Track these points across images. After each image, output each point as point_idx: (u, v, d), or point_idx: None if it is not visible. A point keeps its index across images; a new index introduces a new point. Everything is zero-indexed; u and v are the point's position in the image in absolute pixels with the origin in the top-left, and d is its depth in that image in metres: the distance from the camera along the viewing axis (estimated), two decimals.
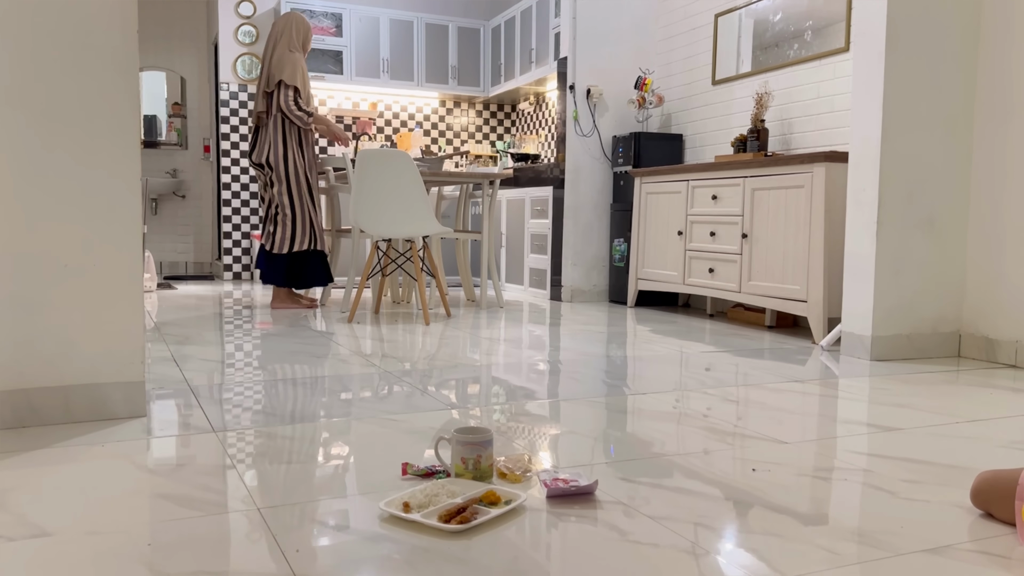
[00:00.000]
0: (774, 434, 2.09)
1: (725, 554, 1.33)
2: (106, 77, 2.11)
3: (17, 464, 1.75)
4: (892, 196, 3.23)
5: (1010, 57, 3.22)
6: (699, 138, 5.16)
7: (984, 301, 3.32)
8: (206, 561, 1.26)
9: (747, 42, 4.70)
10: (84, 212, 2.09)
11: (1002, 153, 3.25)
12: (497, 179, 4.91)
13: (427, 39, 7.18)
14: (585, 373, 2.90)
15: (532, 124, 7.47)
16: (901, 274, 3.28)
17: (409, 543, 1.34)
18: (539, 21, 6.48)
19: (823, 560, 1.30)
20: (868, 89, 3.25)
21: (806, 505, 1.55)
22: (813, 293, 3.67)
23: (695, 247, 4.51)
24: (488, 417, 2.25)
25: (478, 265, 6.21)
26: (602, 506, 1.53)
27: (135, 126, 2.17)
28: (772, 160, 3.91)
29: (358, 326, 4.03)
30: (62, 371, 2.09)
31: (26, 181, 2.04)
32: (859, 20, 3.30)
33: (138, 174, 2.17)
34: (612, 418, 2.25)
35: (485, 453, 1.63)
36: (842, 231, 3.60)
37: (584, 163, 5.34)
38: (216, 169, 7.21)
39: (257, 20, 6.86)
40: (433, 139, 7.66)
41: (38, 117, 2.04)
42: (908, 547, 1.35)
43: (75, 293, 2.10)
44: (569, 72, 5.30)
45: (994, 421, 2.28)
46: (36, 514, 1.45)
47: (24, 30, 2.02)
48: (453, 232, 4.80)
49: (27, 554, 1.29)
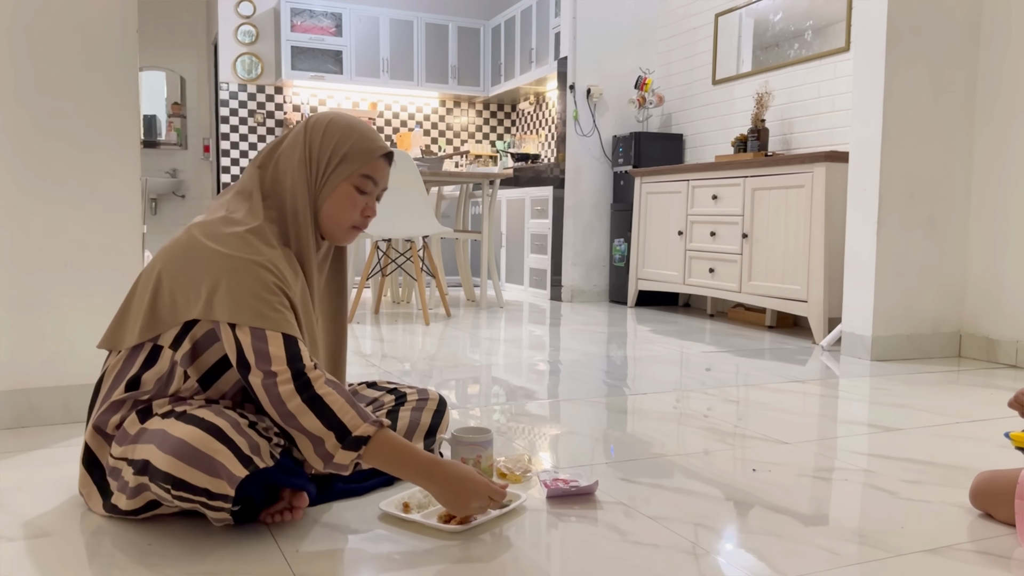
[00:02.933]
0: (774, 434, 2.09)
1: (725, 554, 1.33)
2: (106, 77, 2.11)
3: (17, 464, 1.75)
4: (893, 196, 3.23)
5: (1011, 57, 3.21)
6: (699, 138, 5.16)
7: (985, 301, 3.31)
8: (206, 561, 1.26)
9: (747, 42, 4.70)
10: (84, 212, 2.09)
11: (1003, 153, 3.25)
12: (497, 179, 4.91)
13: (427, 39, 7.18)
14: (585, 373, 2.90)
15: (532, 124, 7.47)
16: (902, 274, 3.27)
17: (409, 543, 1.34)
18: (539, 21, 6.48)
19: (823, 560, 1.30)
20: (869, 89, 3.24)
21: (806, 505, 1.55)
22: (813, 293, 3.67)
23: (695, 247, 4.51)
24: (488, 417, 2.25)
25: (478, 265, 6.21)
26: (602, 506, 1.53)
27: (135, 126, 2.17)
28: (772, 160, 3.91)
29: (358, 326, 4.03)
30: (62, 371, 2.09)
31: (26, 181, 2.04)
32: (860, 20, 3.30)
33: (138, 174, 2.17)
34: (612, 418, 2.25)
35: (485, 453, 1.63)
36: (842, 231, 3.60)
37: (584, 163, 5.34)
38: (216, 169, 7.21)
39: (257, 20, 6.85)
40: (433, 139, 7.66)
41: (38, 117, 2.04)
42: (908, 547, 1.35)
43: (75, 293, 2.09)
44: (569, 72, 5.30)
45: (994, 421, 2.28)
46: (36, 514, 1.45)
47: (24, 30, 2.02)
48: (453, 232, 4.80)
49: (27, 554, 1.29)
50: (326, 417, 1.30)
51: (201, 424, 1.27)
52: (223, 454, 1.24)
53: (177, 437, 1.25)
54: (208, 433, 1.25)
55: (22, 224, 2.04)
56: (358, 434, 1.30)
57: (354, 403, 1.34)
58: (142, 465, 1.27)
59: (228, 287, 1.31)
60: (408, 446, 1.35)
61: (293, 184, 1.45)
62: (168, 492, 1.25)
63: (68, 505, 1.49)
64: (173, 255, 1.38)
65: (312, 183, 1.47)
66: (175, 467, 1.23)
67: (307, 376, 1.31)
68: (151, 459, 1.26)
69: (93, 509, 1.43)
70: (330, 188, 1.47)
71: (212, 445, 1.24)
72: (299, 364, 1.31)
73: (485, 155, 7.31)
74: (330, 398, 1.31)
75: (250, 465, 1.26)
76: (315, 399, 1.30)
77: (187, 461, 1.23)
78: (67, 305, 2.09)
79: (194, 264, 1.34)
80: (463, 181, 4.91)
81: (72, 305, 2.09)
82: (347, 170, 1.46)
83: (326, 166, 1.46)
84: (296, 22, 6.73)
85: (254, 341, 1.31)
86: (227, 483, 1.23)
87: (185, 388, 1.40)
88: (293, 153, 1.47)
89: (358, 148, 1.47)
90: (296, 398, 1.29)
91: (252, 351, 1.30)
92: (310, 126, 1.49)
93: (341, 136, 1.47)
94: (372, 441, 1.32)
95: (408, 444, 1.36)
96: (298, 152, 1.47)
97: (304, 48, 6.76)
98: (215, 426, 1.27)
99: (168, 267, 1.37)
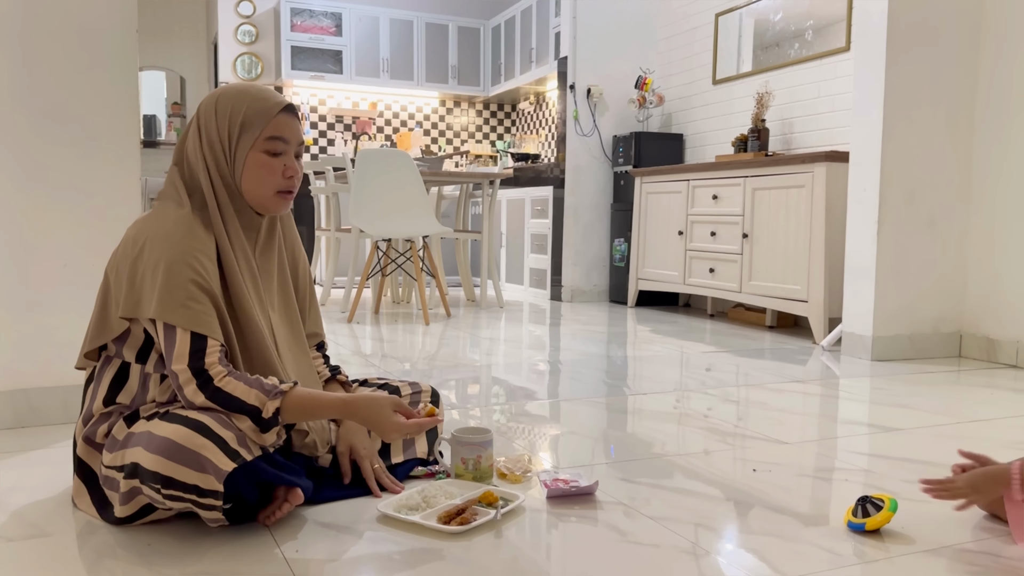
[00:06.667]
0: (775, 434, 2.09)
1: (726, 555, 1.33)
2: (106, 77, 2.11)
3: (17, 464, 1.75)
4: (893, 196, 3.22)
5: (1011, 57, 3.21)
6: (699, 138, 5.15)
7: (985, 301, 3.31)
8: (206, 561, 1.26)
9: (748, 41, 4.70)
10: (84, 212, 2.09)
11: (1003, 153, 3.24)
12: (497, 179, 4.91)
13: (427, 38, 7.18)
14: (585, 373, 2.90)
15: (532, 124, 7.47)
16: (902, 274, 3.27)
17: (409, 544, 1.34)
18: (539, 20, 6.48)
19: (824, 560, 1.30)
20: (869, 89, 3.24)
21: (807, 505, 1.55)
22: (814, 293, 3.67)
23: (695, 247, 4.51)
24: (488, 417, 2.24)
25: (478, 265, 6.20)
26: (602, 506, 1.53)
27: (135, 126, 2.17)
28: (773, 160, 3.91)
29: (358, 326, 4.02)
30: (62, 371, 2.08)
31: (25, 180, 2.03)
32: (860, 20, 3.29)
33: (138, 174, 2.17)
34: (612, 418, 2.25)
35: (485, 453, 1.63)
36: (843, 231, 3.60)
37: (584, 163, 5.34)
38: None
39: (257, 19, 6.85)
40: (433, 139, 7.66)
41: (38, 116, 2.04)
42: (908, 547, 1.35)
43: (75, 293, 2.09)
44: (569, 72, 5.30)
45: (995, 421, 2.27)
46: (35, 514, 1.45)
47: (24, 30, 2.02)
48: (453, 232, 4.79)
49: (27, 554, 1.29)
50: (234, 406, 1.33)
51: (185, 422, 1.28)
52: (209, 449, 1.25)
53: (163, 436, 1.26)
54: (193, 430, 1.26)
55: (22, 224, 2.04)
56: (268, 414, 1.34)
57: (257, 383, 1.35)
58: (131, 468, 1.28)
59: (151, 282, 1.33)
60: (317, 397, 1.40)
61: (206, 170, 1.43)
62: (159, 492, 1.26)
63: (68, 505, 1.49)
64: (114, 256, 1.42)
65: (223, 163, 1.44)
66: (162, 466, 1.24)
67: (208, 373, 1.33)
68: (139, 461, 1.26)
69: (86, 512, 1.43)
70: (240, 162, 1.43)
71: (197, 441, 1.25)
72: (199, 363, 1.33)
73: (485, 155, 7.31)
74: (231, 387, 1.33)
75: (237, 458, 1.27)
76: (217, 392, 1.33)
77: (174, 459, 1.24)
78: (67, 305, 2.09)
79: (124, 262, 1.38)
80: (463, 181, 4.91)
81: (72, 305, 2.09)
82: (250, 138, 1.43)
83: (228, 142, 1.43)
84: (296, 22, 6.73)
85: (165, 339, 1.34)
86: (215, 478, 1.24)
87: (163, 389, 1.43)
88: (195, 140, 1.45)
89: (253, 112, 1.43)
90: (200, 395, 1.32)
91: (164, 348, 1.34)
92: (202, 109, 1.46)
93: (233, 106, 1.43)
94: (283, 409, 1.36)
95: (317, 394, 1.41)
96: (199, 138, 1.44)
97: (304, 48, 6.76)
98: (200, 422, 1.28)
99: (109, 269, 1.42)
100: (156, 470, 1.24)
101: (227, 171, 1.44)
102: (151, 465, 1.24)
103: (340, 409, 1.41)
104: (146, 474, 1.25)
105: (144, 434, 1.29)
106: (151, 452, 1.25)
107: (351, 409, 1.41)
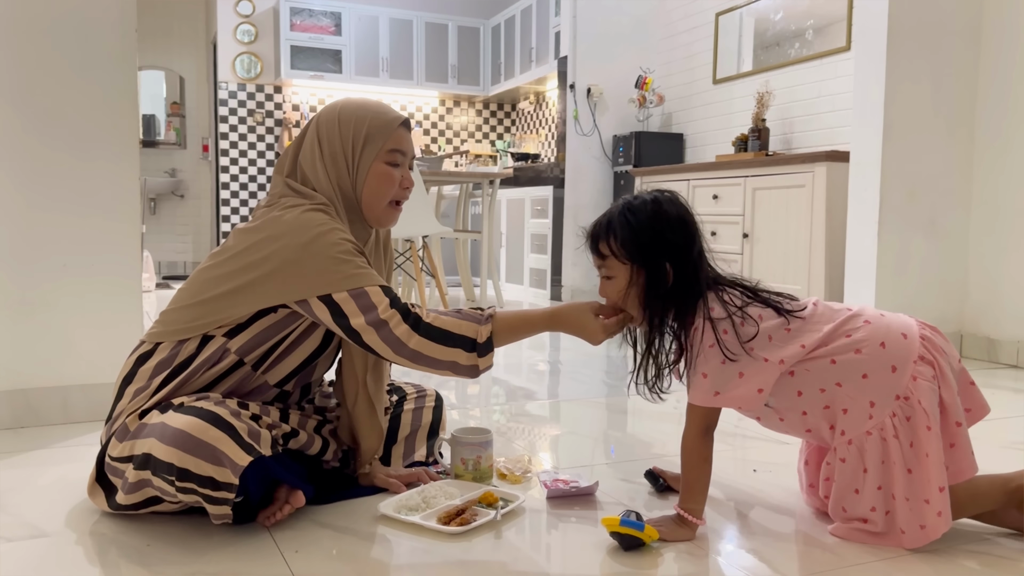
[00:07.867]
0: (775, 435, 2.08)
1: (725, 555, 1.32)
2: (106, 77, 2.10)
3: (16, 464, 1.75)
4: (893, 196, 3.22)
5: (1011, 57, 3.21)
6: (700, 137, 5.15)
7: (985, 301, 3.31)
8: (206, 561, 1.26)
9: (748, 41, 4.69)
10: (83, 212, 2.09)
11: (1003, 153, 3.24)
12: (497, 179, 4.90)
13: (427, 38, 7.17)
14: (585, 373, 2.90)
15: (532, 123, 7.46)
16: (902, 274, 3.27)
17: (409, 544, 1.34)
18: (539, 20, 6.47)
19: (824, 561, 1.29)
20: (869, 88, 3.24)
21: (806, 505, 1.55)
22: (814, 293, 3.67)
23: None
24: (488, 417, 2.24)
25: (478, 265, 6.20)
26: (602, 507, 1.53)
27: (134, 125, 2.16)
28: (773, 160, 3.91)
29: None
30: (61, 371, 2.08)
31: (25, 180, 2.03)
32: (860, 19, 3.29)
33: (137, 173, 2.17)
34: (612, 418, 2.25)
35: (485, 454, 1.62)
36: (843, 231, 3.59)
37: (584, 162, 5.33)
38: (215, 169, 7.21)
39: (256, 19, 6.85)
40: (433, 138, 7.66)
41: (37, 116, 2.04)
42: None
43: (74, 293, 2.09)
44: (569, 71, 5.30)
45: (995, 421, 2.27)
46: (35, 515, 1.45)
47: (24, 29, 2.02)
48: (453, 232, 4.79)
49: (27, 554, 1.29)
50: (448, 339, 1.36)
51: (200, 413, 1.28)
52: (224, 442, 1.25)
53: (177, 428, 1.26)
54: (207, 422, 1.26)
55: (21, 224, 2.03)
56: (482, 339, 1.38)
57: (460, 314, 1.40)
58: (143, 458, 1.27)
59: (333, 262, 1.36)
60: (523, 314, 1.45)
61: (327, 182, 1.47)
62: (172, 484, 1.25)
63: (68, 505, 1.49)
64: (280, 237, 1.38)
65: (344, 174, 1.48)
66: (178, 458, 1.23)
67: (414, 312, 1.37)
68: (152, 452, 1.26)
69: (98, 507, 1.42)
70: (364, 172, 1.48)
71: (213, 433, 1.25)
72: (402, 305, 1.37)
73: (485, 155, 7.30)
74: (439, 321, 1.38)
75: (252, 452, 1.26)
76: (429, 328, 1.36)
77: (189, 451, 1.23)
78: (67, 305, 2.09)
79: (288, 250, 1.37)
80: (463, 181, 4.90)
81: (71, 305, 2.09)
82: (373, 150, 1.48)
83: (352, 154, 1.47)
84: (295, 21, 6.73)
85: (356, 299, 1.35)
86: (231, 471, 1.24)
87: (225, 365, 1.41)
88: (313, 152, 1.48)
89: (376, 125, 1.48)
90: (414, 336, 1.35)
91: (358, 308, 1.35)
92: (323, 123, 1.49)
93: (356, 120, 1.48)
94: (495, 332, 1.40)
95: (522, 312, 1.45)
96: (319, 149, 1.48)
97: (303, 47, 6.75)
98: (214, 414, 1.28)
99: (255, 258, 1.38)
100: (171, 462, 1.24)
101: (348, 182, 1.48)
102: (166, 456, 1.24)
103: (547, 321, 1.45)
104: (160, 465, 1.25)
105: (158, 425, 1.29)
106: (165, 443, 1.25)
107: (558, 319, 1.45)
